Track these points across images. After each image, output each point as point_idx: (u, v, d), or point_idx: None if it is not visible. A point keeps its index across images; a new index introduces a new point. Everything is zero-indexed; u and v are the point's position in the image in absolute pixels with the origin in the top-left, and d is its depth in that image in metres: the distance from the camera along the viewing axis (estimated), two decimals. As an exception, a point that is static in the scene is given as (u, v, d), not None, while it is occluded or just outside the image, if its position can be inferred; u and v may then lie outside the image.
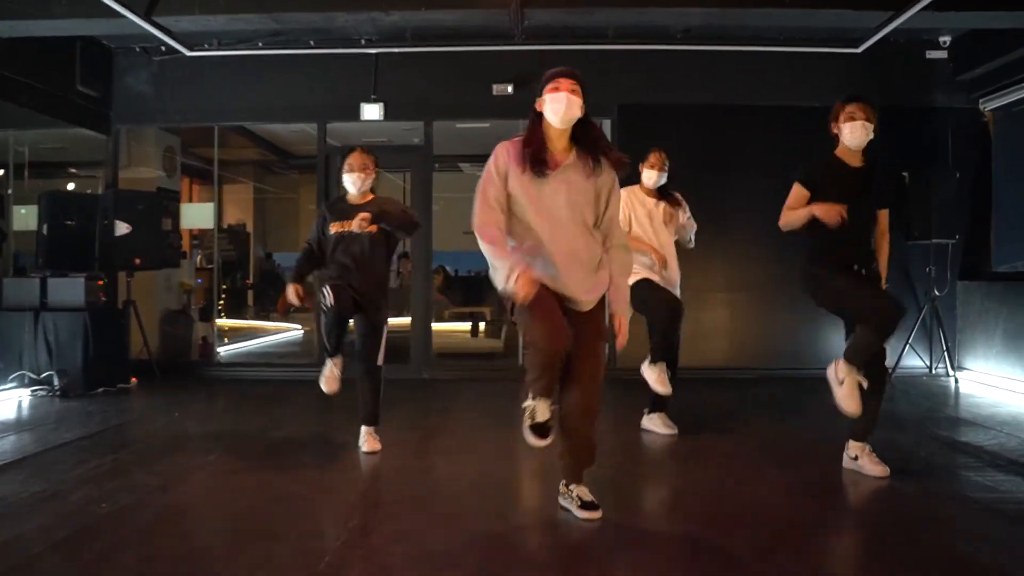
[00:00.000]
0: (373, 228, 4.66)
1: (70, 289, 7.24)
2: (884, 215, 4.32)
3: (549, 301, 3.32)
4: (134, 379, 7.68)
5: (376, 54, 7.91)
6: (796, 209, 4.20)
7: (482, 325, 11.43)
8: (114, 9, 6.14)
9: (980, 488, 4.03)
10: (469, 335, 11.51)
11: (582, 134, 3.46)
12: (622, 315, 3.57)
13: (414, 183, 8.64)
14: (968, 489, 4.05)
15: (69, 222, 7.67)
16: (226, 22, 6.63)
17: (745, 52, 7.83)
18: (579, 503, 3.55)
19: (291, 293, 4.74)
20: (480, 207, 3.39)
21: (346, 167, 4.78)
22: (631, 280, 4.51)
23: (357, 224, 4.55)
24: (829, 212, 4.02)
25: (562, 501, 3.65)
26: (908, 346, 7.84)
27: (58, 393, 6.90)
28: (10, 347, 7.11)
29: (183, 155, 10.04)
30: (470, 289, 12.58)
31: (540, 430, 3.41)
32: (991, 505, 3.74)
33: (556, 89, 3.37)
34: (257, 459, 4.68)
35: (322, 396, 4.88)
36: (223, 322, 10.67)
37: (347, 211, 4.71)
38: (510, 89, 7.84)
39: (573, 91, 3.37)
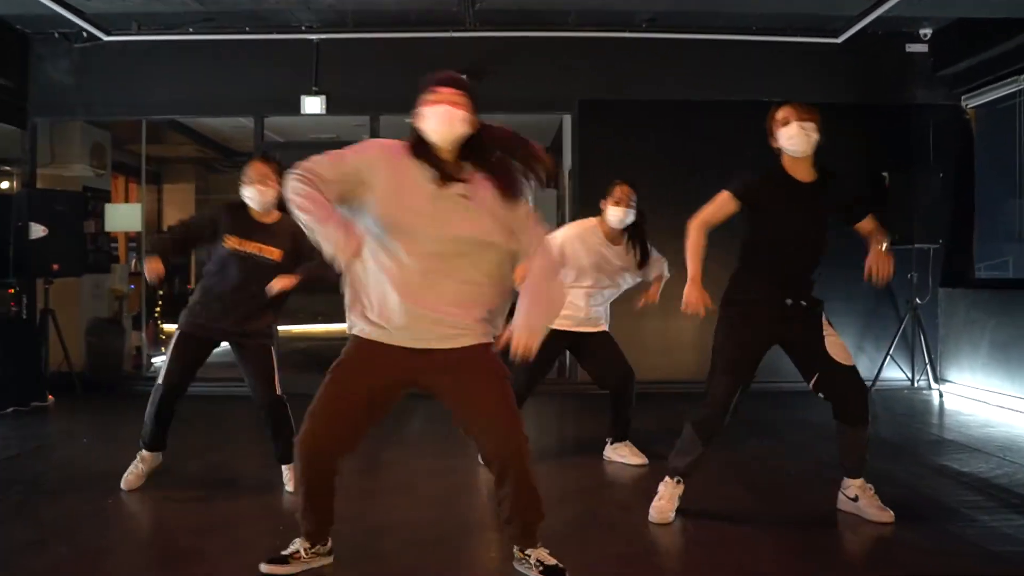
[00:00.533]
0: (276, 255, 4.05)
1: (-26, 298, 6.57)
2: (867, 222, 3.80)
3: (349, 386, 2.84)
4: (51, 396, 7.00)
5: (316, 40, 7.31)
6: (699, 241, 3.70)
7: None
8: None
9: (1000, 539, 3.44)
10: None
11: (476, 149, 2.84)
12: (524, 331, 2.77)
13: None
14: (988, 541, 3.41)
15: (-25, 225, 6.98)
16: (144, 3, 5.98)
17: (716, 41, 7.36)
18: (540, 569, 2.94)
19: (150, 269, 4.02)
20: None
21: (244, 178, 4.08)
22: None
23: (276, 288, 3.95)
24: (692, 299, 3.61)
25: (519, 568, 3.03)
26: (889, 357, 7.39)
27: (-41, 414, 6.23)
28: (-94, 363, 6.43)
29: (116, 152, 9.39)
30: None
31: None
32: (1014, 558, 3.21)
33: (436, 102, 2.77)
34: (161, 500, 4.05)
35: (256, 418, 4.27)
36: (165, 326, 9.97)
37: (251, 228, 4.08)
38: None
39: (454, 103, 2.76)
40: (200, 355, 4.19)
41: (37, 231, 7.02)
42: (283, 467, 4.18)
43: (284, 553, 3.02)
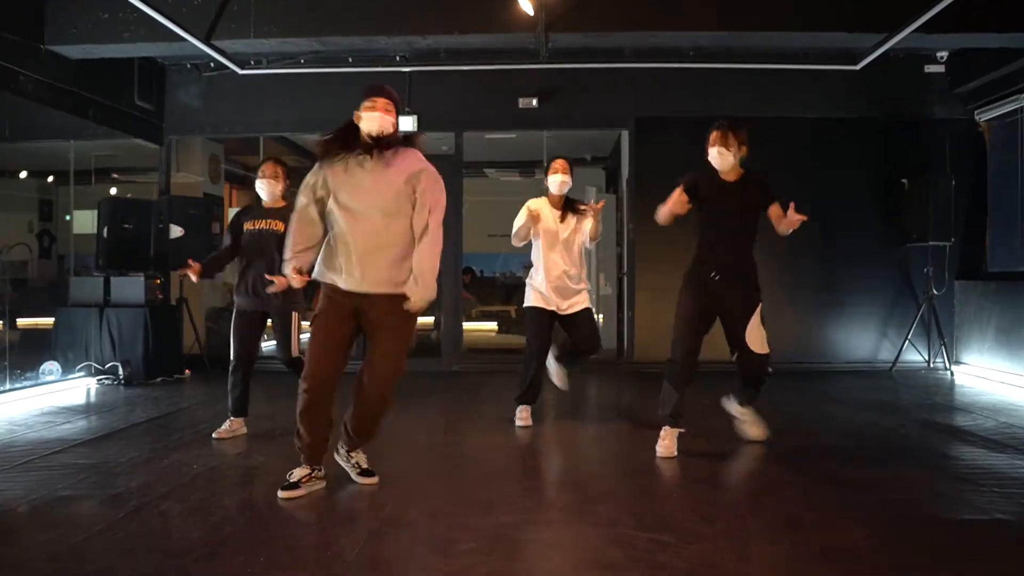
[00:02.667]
0: (280, 226, 4.97)
1: (131, 287, 7.92)
2: (774, 208, 4.68)
3: (334, 318, 3.76)
4: (187, 371, 8.34)
5: (409, 72, 8.53)
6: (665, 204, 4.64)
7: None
8: (177, 34, 6.77)
9: (947, 458, 4.62)
10: (495, 332, 12.10)
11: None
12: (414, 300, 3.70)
13: (446, 186, 9.22)
14: (935, 459, 4.62)
15: (126, 225, 8.30)
16: (277, 45, 7.25)
17: (751, 69, 8.36)
18: (358, 470, 4.00)
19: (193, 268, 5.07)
20: None
21: (259, 174, 5.22)
22: (525, 303, 5.45)
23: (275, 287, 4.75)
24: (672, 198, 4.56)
25: (339, 460, 4.05)
26: (908, 342, 8.38)
27: (122, 382, 7.56)
28: (77, 340, 7.78)
29: (225, 163, 10.70)
30: (496, 289, 13.13)
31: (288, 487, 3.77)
32: (952, 470, 4.34)
33: (372, 108, 3.70)
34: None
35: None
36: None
37: (262, 213, 5.19)
38: (535, 102, 8.49)
39: (387, 111, 3.73)
40: (254, 331, 5.23)
41: (176, 231, 8.34)
42: None
43: (292, 480, 3.78)
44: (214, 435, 5.14)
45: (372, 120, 3.71)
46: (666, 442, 4.69)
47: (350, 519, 3.57)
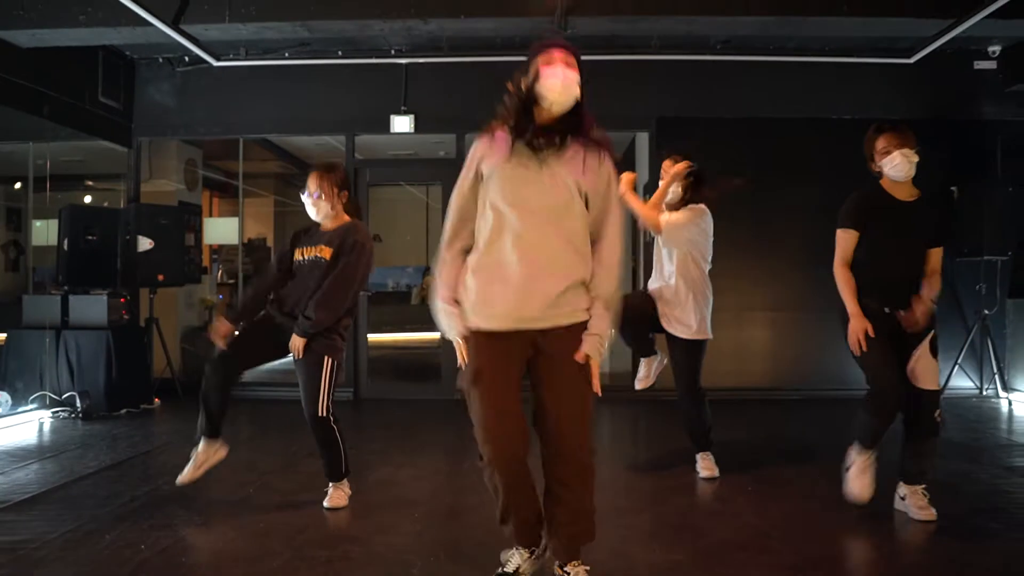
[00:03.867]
0: (327, 254, 4.08)
1: (93, 307, 7.04)
2: (935, 254, 3.94)
3: (501, 381, 2.77)
4: (157, 400, 7.46)
5: (406, 64, 7.70)
6: (847, 263, 3.89)
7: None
8: (140, 17, 5.91)
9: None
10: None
11: (575, 122, 2.81)
12: (591, 350, 2.78)
13: (444, 197, 8.41)
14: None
15: (90, 237, 7.41)
16: (256, 31, 6.39)
17: (785, 63, 7.62)
18: None
19: (218, 331, 4.12)
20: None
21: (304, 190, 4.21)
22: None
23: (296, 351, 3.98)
24: (857, 332, 3.76)
25: None
26: (957, 366, 7.59)
27: (80, 415, 6.66)
28: (30, 366, 6.91)
29: (204, 168, 9.87)
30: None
31: None
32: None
33: (549, 62, 2.75)
34: (297, 490, 4.42)
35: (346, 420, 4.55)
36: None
37: (310, 238, 4.21)
38: (545, 99, 7.64)
39: (568, 63, 2.78)
40: (259, 337, 4.16)
41: (144, 244, 7.49)
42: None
43: (507, 571, 2.94)
44: (179, 480, 4.19)
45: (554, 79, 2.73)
46: (918, 504, 3.89)
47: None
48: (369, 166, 8.45)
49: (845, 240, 3.90)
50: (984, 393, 7.77)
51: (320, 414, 4.04)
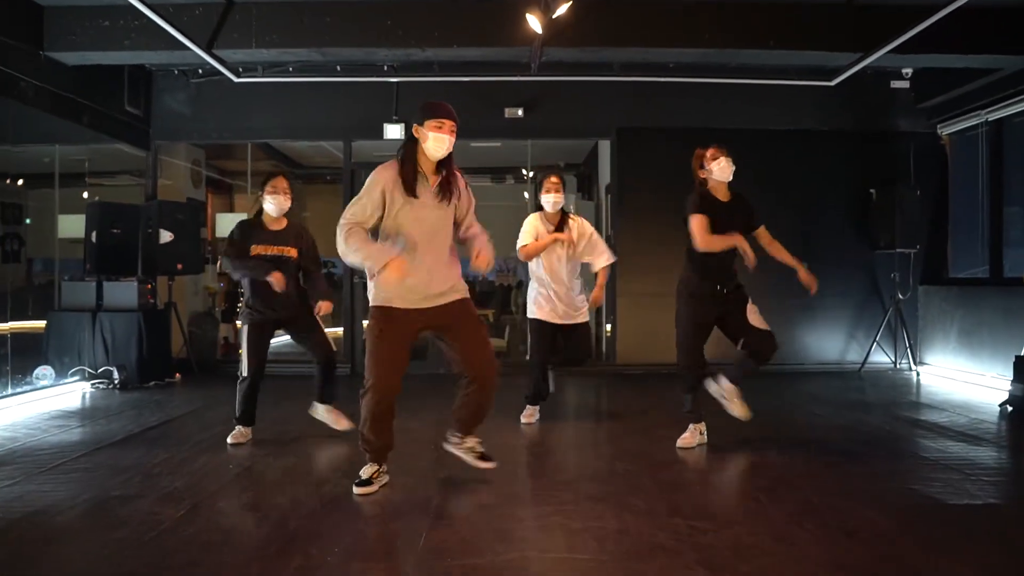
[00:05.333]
0: (294, 253, 5.26)
1: (124, 292, 7.97)
2: (762, 231, 5.12)
3: (398, 338, 3.97)
4: (177, 375, 8.41)
5: (397, 82, 8.70)
6: (709, 233, 4.87)
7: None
8: (179, 42, 6.86)
9: (932, 451, 4.99)
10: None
11: (445, 166, 4.01)
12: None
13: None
14: (923, 451, 4.99)
15: (115, 230, 8.33)
16: (277, 55, 7.38)
17: (731, 84, 8.70)
18: (476, 455, 4.24)
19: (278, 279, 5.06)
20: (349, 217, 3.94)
21: (270, 188, 5.17)
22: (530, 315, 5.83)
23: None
24: (748, 247, 4.84)
25: (453, 450, 4.30)
26: (876, 344, 8.83)
27: (116, 387, 7.61)
28: (70, 345, 7.82)
29: (205, 168, 10.74)
30: (473, 294, 13.22)
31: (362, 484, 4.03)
32: (940, 461, 4.71)
33: (439, 128, 3.88)
34: (296, 457, 5.45)
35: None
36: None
37: (269, 236, 5.23)
38: (520, 112, 8.74)
39: (453, 133, 3.92)
40: (267, 342, 5.33)
41: (165, 236, 8.41)
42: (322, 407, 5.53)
43: (364, 477, 4.03)
44: (229, 439, 5.24)
45: (440, 143, 3.93)
46: (686, 436, 5.12)
47: (404, 514, 3.75)
48: (363, 169, 9.43)
49: (702, 222, 4.88)
50: (898, 367, 9.01)
51: (333, 349, 5.49)
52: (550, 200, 5.75)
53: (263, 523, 3.53)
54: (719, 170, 4.96)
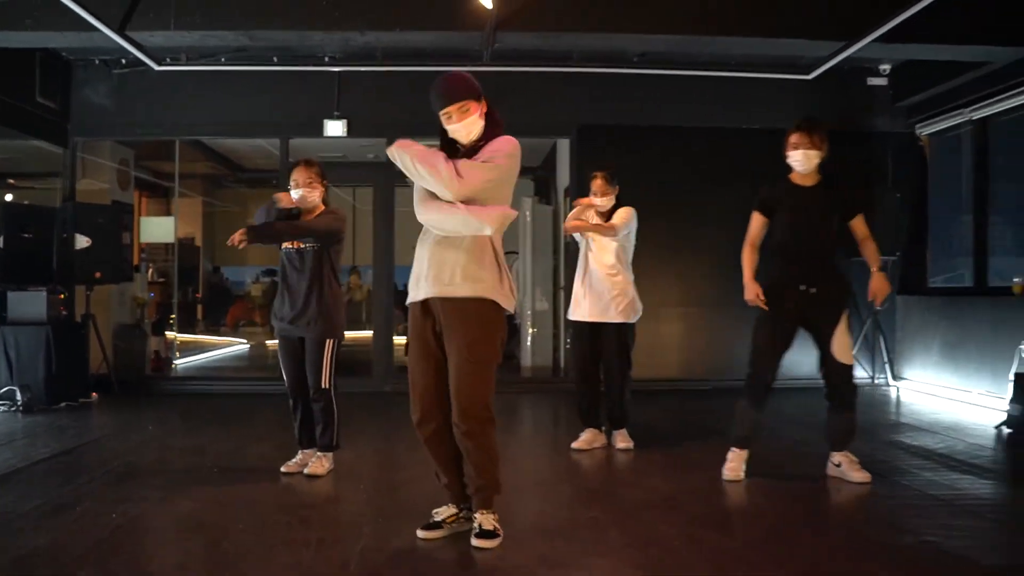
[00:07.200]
0: (314, 244, 4.59)
1: (32, 303, 7.18)
2: (858, 222, 4.65)
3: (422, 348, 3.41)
4: (94, 394, 7.61)
5: (339, 72, 8.01)
6: (753, 244, 4.54)
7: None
8: (87, 22, 6.12)
9: (940, 487, 4.36)
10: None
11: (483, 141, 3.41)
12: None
13: (376, 199, 8.76)
14: (930, 488, 4.35)
15: (26, 235, 7.53)
16: (200, 38, 6.65)
17: (698, 78, 8.14)
18: (476, 531, 3.36)
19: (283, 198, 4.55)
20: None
21: (291, 183, 4.61)
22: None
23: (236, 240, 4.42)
24: (750, 294, 4.41)
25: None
26: (852, 357, 8.26)
27: (20, 408, 6.81)
28: (-32, 361, 7.00)
29: (135, 168, 9.98)
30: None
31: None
32: (953, 502, 4.08)
33: (448, 120, 3.33)
34: (248, 472, 4.75)
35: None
36: (180, 335, 10.62)
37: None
38: (472, 107, 8.05)
39: (464, 113, 3.29)
40: (298, 357, 4.65)
41: (82, 241, 7.63)
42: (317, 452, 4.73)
43: (435, 520, 3.46)
44: (282, 468, 4.65)
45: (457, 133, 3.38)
46: (733, 464, 4.54)
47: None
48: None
49: (754, 221, 4.58)
50: (875, 382, 8.48)
51: (323, 386, 4.58)
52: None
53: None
54: (794, 163, 4.53)
